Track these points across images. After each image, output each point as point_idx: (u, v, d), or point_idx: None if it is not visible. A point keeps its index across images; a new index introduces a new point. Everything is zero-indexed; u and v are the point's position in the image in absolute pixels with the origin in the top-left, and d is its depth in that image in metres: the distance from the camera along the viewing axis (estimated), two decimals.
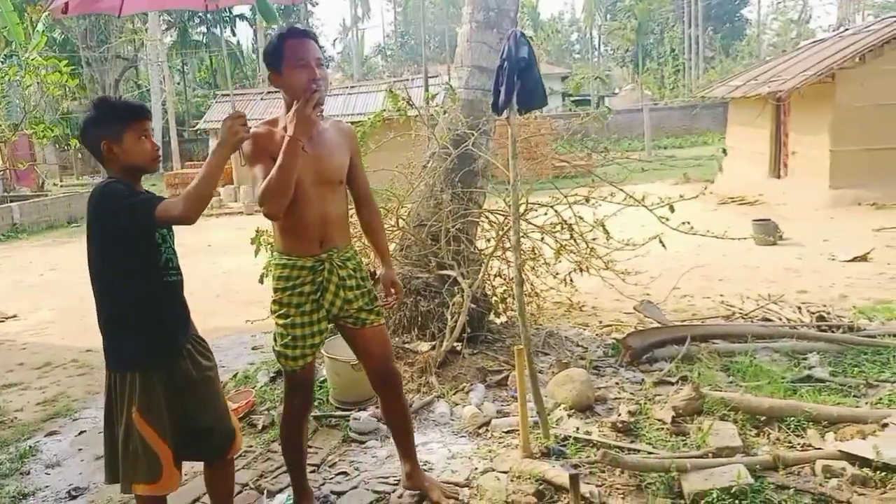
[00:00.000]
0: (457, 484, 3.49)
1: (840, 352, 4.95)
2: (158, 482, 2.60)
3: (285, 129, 2.75)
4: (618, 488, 3.43)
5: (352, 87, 22.90)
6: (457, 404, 4.44)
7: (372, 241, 3.41)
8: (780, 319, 5.72)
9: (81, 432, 4.81)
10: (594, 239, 5.49)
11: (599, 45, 49.69)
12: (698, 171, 19.49)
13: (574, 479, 3.07)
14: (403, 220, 5.43)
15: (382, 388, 3.23)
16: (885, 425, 3.67)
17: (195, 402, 2.72)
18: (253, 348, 6.58)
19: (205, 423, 2.75)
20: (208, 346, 2.90)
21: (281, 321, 3.03)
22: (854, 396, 4.31)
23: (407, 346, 4.93)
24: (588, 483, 3.42)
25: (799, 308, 6.05)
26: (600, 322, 6.56)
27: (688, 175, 18.28)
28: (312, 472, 3.73)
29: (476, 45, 5.42)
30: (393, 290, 3.34)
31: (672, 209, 4.86)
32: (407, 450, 3.37)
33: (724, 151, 12.57)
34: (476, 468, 3.68)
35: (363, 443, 4.03)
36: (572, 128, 5.63)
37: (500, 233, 5.32)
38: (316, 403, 4.57)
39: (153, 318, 2.62)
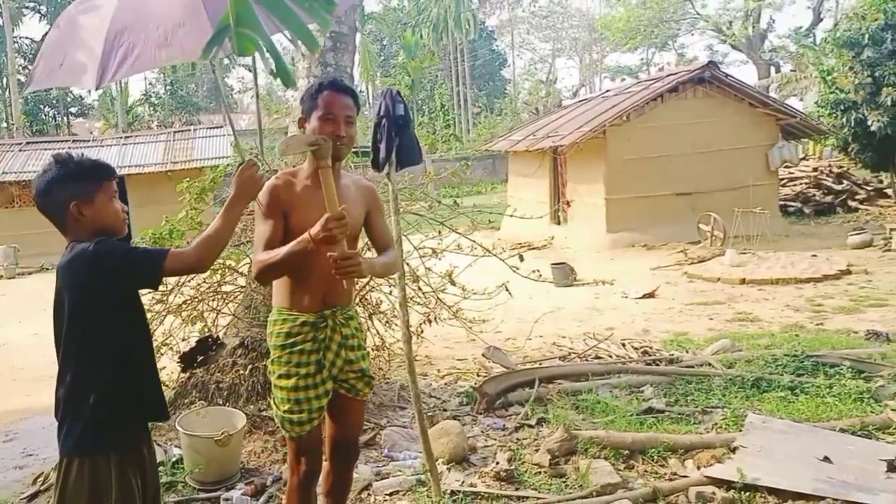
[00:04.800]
0: None
1: (669, 382, 5.42)
2: None
3: (308, 179, 2.77)
4: None
5: (126, 136, 21.41)
6: None
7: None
8: (611, 356, 6.15)
9: None
10: (443, 289, 5.57)
11: (375, 99, 51.16)
12: (481, 218, 20.58)
13: None
14: (245, 276, 5.13)
15: (341, 460, 3.03)
16: (735, 449, 4.06)
17: (153, 487, 2.38)
18: None
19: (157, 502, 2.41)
20: None
21: (282, 383, 2.79)
22: (693, 423, 4.71)
23: (264, 413, 4.62)
24: None
25: (623, 344, 6.55)
26: (438, 371, 6.62)
27: (476, 223, 19.22)
28: None
29: None
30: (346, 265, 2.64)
31: (521, 258, 5.07)
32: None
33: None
34: None
35: None
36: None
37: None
38: (170, 486, 4.13)
39: (148, 386, 2.33)
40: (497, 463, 4.11)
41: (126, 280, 2.22)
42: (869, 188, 17.40)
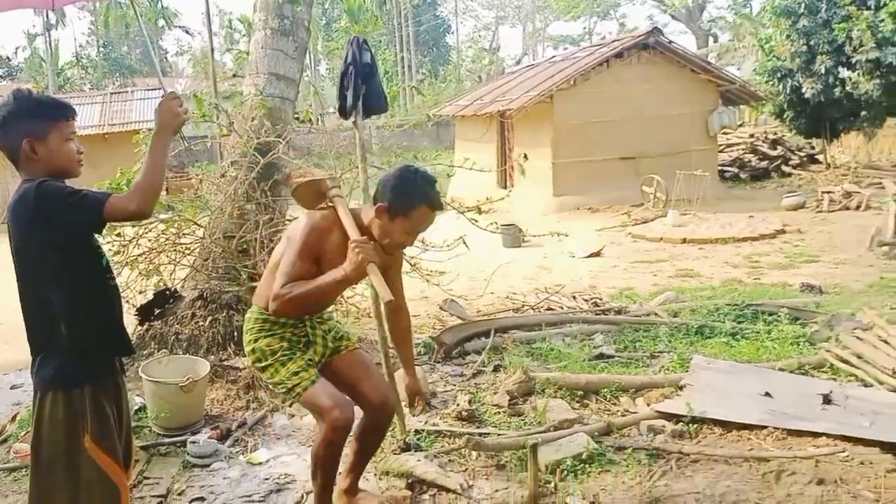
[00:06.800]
0: None
1: (618, 331, 5.64)
2: None
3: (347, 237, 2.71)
4: (479, 470, 3.61)
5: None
6: (293, 415, 4.31)
7: (398, 346, 3.29)
8: (562, 308, 6.34)
9: None
10: None
11: (316, 63, 50.33)
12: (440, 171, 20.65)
13: (533, 449, 3.19)
14: (203, 228, 5.12)
15: (378, 415, 3.05)
16: (682, 387, 4.29)
17: (126, 417, 2.42)
18: (12, 387, 5.70)
19: (129, 437, 2.46)
20: None
21: (278, 353, 2.84)
22: (643, 367, 4.94)
23: (226, 363, 4.66)
24: (452, 471, 3.56)
25: (574, 297, 6.75)
26: None
27: None
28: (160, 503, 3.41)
29: (272, 52, 5.32)
30: (417, 399, 3.29)
31: (480, 211, 5.19)
32: (362, 467, 3.24)
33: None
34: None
35: (207, 466, 3.74)
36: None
37: None
38: (134, 432, 4.15)
39: (107, 322, 2.32)
40: (458, 404, 4.25)
41: (67, 221, 2.16)
42: (802, 154, 18.03)
